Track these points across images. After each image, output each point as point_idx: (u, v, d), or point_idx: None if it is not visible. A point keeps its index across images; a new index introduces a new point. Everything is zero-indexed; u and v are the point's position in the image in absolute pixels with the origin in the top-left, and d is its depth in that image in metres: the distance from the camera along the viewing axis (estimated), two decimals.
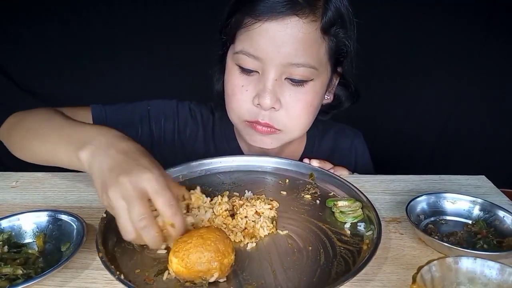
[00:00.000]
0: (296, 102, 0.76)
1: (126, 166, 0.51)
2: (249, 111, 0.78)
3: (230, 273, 0.52)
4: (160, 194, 0.50)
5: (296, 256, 0.56)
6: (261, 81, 0.75)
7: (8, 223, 0.59)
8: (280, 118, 0.77)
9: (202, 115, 0.95)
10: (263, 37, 0.71)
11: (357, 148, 1.02)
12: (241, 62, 0.75)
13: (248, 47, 0.73)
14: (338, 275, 0.52)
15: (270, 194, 0.71)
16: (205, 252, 0.49)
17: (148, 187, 0.50)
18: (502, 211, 0.63)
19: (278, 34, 0.71)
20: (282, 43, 0.71)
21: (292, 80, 0.75)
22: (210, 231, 0.52)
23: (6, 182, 0.77)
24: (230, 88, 0.79)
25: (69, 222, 0.59)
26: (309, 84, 0.76)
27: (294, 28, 0.71)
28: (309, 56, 0.73)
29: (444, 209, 0.66)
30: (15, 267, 0.51)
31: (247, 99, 0.77)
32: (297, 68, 0.73)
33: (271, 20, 0.70)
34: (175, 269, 0.49)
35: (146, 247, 0.56)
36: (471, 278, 0.46)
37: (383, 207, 0.70)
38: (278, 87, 0.75)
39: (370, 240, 0.58)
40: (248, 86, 0.76)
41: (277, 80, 0.74)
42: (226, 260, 0.50)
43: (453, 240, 0.59)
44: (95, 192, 0.72)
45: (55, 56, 1.74)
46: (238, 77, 0.77)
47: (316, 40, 0.73)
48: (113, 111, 0.87)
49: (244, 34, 0.74)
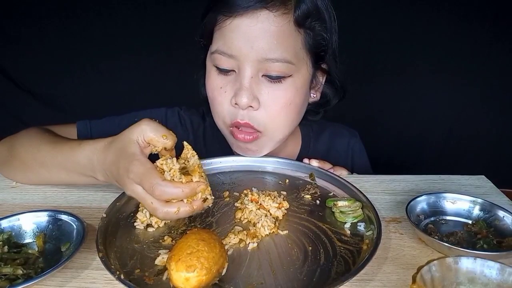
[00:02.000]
0: (274, 99, 0.74)
1: (122, 172, 0.58)
2: (229, 113, 0.77)
3: (230, 273, 0.52)
4: (144, 180, 0.55)
5: (296, 256, 0.56)
6: (237, 80, 0.74)
7: (8, 223, 0.59)
8: (260, 117, 0.75)
9: (191, 121, 0.94)
10: (235, 33, 0.71)
11: (354, 148, 1.01)
12: (217, 62, 0.75)
13: (222, 46, 0.73)
14: (338, 275, 0.52)
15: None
16: (214, 249, 0.49)
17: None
18: (502, 211, 0.63)
19: (250, 29, 0.70)
20: (255, 38, 0.70)
21: (269, 76, 0.73)
22: (199, 232, 0.51)
23: (6, 182, 0.77)
24: (210, 90, 0.78)
25: (69, 222, 0.59)
26: (288, 81, 0.74)
27: (265, 22, 0.70)
28: (284, 50, 0.71)
29: (444, 209, 0.66)
30: (15, 267, 0.51)
31: (226, 101, 0.76)
32: (273, 64, 0.71)
33: (241, 15, 0.70)
34: (195, 283, 0.47)
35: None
36: (471, 278, 0.46)
37: (383, 207, 0.70)
38: (255, 85, 0.73)
39: (370, 240, 0.58)
40: (226, 86, 0.75)
41: (253, 77, 0.72)
42: (223, 246, 0.52)
43: (453, 240, 0.59)
44: (95, 192, 0.73)
45: (54, 56, 1.74)
46: (216, 78, 0.76)
47: (290, 33, 0.72)
48: (99, 126, 0.87)
49: (218, 33, 0.73)
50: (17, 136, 0.78)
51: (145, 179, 0.55)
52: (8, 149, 0.77)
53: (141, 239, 0.59)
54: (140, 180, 0.55)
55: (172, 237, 0.59)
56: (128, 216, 0.64)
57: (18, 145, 0.75)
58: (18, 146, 0.75)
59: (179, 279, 0.47)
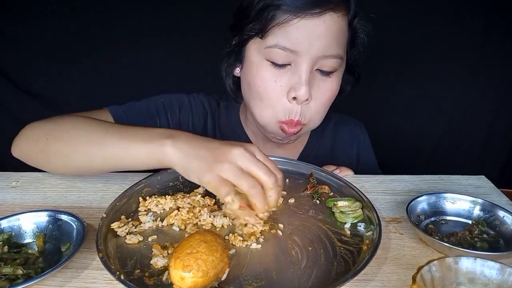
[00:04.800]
0: (324, 92, 0.78)
1: (231, 143, 0.59)
2: (284, 108, 0.77)
3: (230, 273, 0.52)
4: (268, 161, 0.59)
5: (296, 256, 0.56)
6: (295, 74, 0.74)
7: (8, 223, 0.59)
8: (310, 110, 0.78)
9: (210, 105, 0.96)
10: (301, 31, 0.71)
11: (359, 138, 1.03)
12: (273, 56, 0.74)
13: (284, 41, 0.72)
14: (338, 275, 0.52)
15: None
16: (215, 253, 0.49)
17: (257, 155, 0.58)
18: (502, 211, 0.63)
19: (316, 28, 0.72)
20: (318, 36, 0.72)
21: (322, 71, 0.76)
22: (204, 234, 0.51)
23: (6, 182, 0.77)
24: (260, 83, 0.77)
25: (69, 222, 0.59)
26: (335, 74, 0.78)
27: (329, 22, 0.72)
28: (339, 47, 0.75)
29: (444, 209, 0.66)
30: (15, 267, 0.51)
31: (281, 94, 0.76)
32: (329, 60, 0.74)
33: (309, 16, 0.71)
34: (191, 283, 0.47)
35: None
36: (471, 278, 0.46)
37: (383, 207, 0.70)
38: (311, 79, 0.75)
39: (370, 240, 0.58)
40: (281, 80, 0.75)
41: (310, 72, 0.75)
42: (227, 251, 0.51)
43: (454, 240, 0.59)
44: (95, 192, 0.73)
45: (53, 56, 1.73)
46: (270, 71, 0.75)
47: (345, 32, 0.76)
48: (129, 109, 0.86)
49: (280, 29, 0.72)
50: (53, 119, 0.73)
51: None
52: (44, 133, 0.71)
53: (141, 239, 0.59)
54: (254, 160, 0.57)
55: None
56: (128, 216, 0.64)
57: (57, 127, 0.71)
58: (58, 127, 0.71)
59: (175, 277, 0.47)
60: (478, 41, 1.67)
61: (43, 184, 0.77)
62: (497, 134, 1.82)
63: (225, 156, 0.57)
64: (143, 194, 0.69)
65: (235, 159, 0.57)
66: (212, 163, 0.57)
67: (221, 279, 0.50)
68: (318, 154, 0.96)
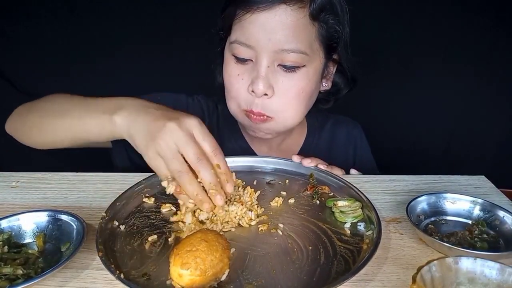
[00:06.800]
0: (288, 88, 0.78)
1: (171, 115, 0.58)
2: (244, 99, 0.80)
3: (230, 273, 0.51)
4: (207, 138, 0.58)
5: (296, 255, 0.56)
6: (255, 69, 0.77)
7: (8, 223, 0.59)
8: (272, 105, 0.79)
9: (208, 107, 0.98)
10: (254, 25, 0.74)
11: (356, 138, 1.04)
12: (235, 52, 0.78)
13: (241, 37, 0.76)
14: (338, 274, 0.52)
15: (271, 194, 0.71)
16: (215, 252, 0.48)
17: (195, 131, 0.57)
18: (502, 211, 0.62)
19: (268, 22, 0.73)
20: (272, 30, 0.73)
21: (284, 66, 0.77)
22: (205, 232, 0.51)
23: (6, 182, 0.77)
24: (227, 77, 0.82)
25: (69, 222, 0.59)
26: (302, 70, 0.78)
27: (282, 15, 0.73)
28: (299, 41, 0.75)
29: (444, 209, 0.66)
30: (15, 267, 0.51)
31: (243, 87, 0.79)
32: (288, 54, 0.75)
33: (261, 10, 0.73)
34: (188, 281, 0.47)
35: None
36: (471, 278, 0.46)
37: (383, 207, 0.70)
38: (271, 74, 0.77)
39: (370, 240, 0.58)
40: (244, 74, 0.79)
41: (269, 67, 0.76)
42: (228, 251, 0.51)
43: (454, 240, 0.59)
44: (95, 192, 0.73)
45: (53, 56, 1.73)
46: (234, 67, 0.80)
47: (305, 26, 0.75)
48: None
49: (237, 25, 0.77)
50: (44, 97, 0.80)
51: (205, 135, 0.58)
52: (30, 106, 0.78)
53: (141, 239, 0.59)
54: (191, 131, 0.57)
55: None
56: (128, 216, 0.64)
57: (43, 100, 0.77)
58: (43, 100, 0.77)
59: (174, 274, 0.48)
60: (485, 41, 1.67)
61: (43, 184, 0.77)
62: (497, 134, 1.82)
63: (159, 132, 0.57)
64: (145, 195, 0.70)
65: (168, 137, 0.56)
66: (149, 140, 0.57)
67: (220, 280, 0.50)
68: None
